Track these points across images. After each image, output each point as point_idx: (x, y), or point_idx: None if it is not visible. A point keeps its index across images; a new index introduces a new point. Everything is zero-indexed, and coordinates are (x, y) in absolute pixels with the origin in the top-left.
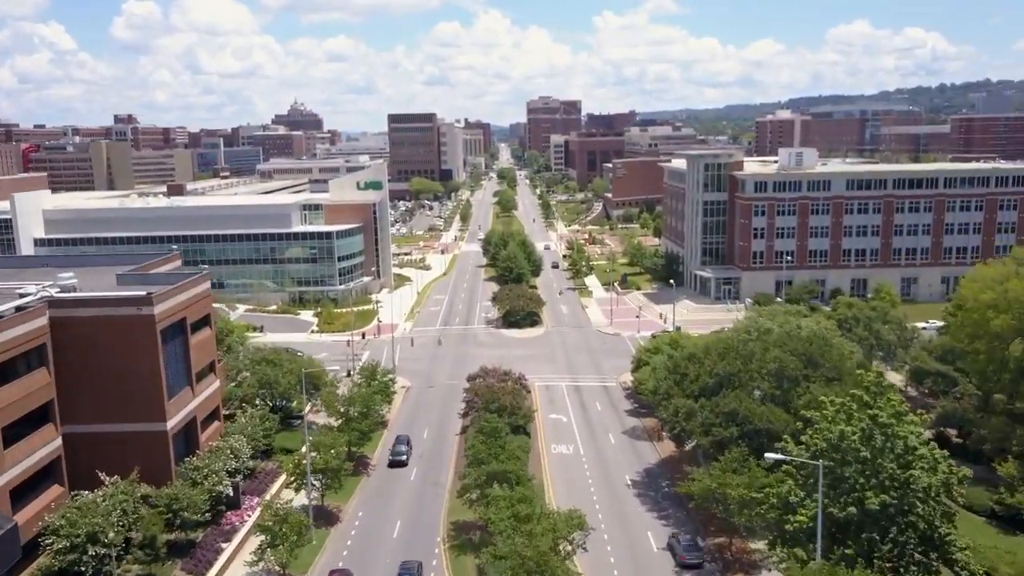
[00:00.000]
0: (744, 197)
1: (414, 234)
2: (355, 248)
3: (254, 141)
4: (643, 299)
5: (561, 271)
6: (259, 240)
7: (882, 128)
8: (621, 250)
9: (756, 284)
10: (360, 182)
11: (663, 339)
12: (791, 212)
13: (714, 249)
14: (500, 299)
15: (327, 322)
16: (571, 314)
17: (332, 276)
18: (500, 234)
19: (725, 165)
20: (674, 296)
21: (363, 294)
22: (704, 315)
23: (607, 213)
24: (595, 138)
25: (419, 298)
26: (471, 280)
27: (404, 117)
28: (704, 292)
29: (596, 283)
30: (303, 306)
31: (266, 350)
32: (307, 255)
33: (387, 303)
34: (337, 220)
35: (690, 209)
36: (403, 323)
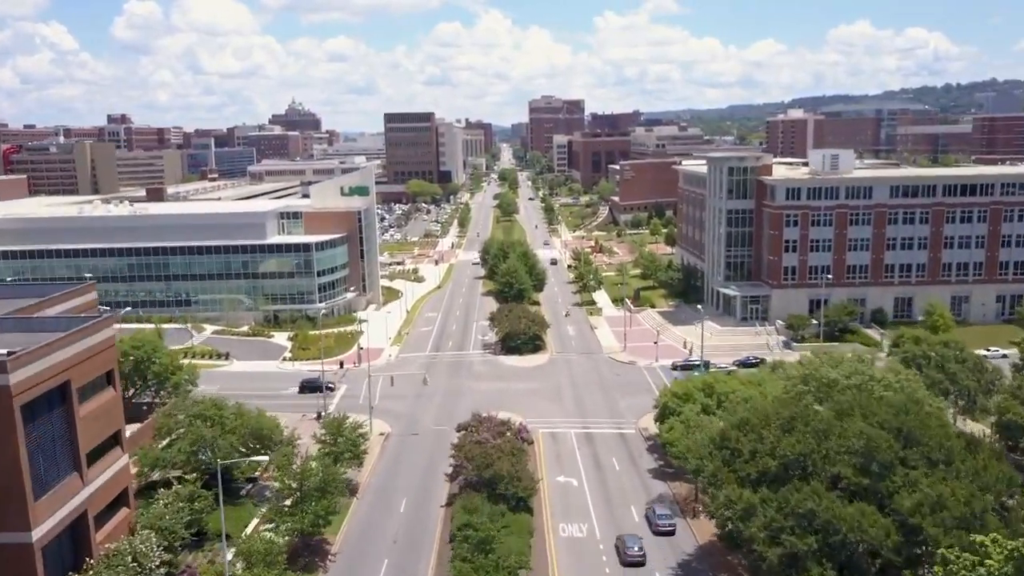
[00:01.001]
0: (774, 205)
1: (408, 241)
2: (337, 261)
3: (249, 142)
4: (658, 318)
5: (562, 269)
6: (229, 252)
7: (898, 128)
8: (631, 259)
9: (787, 303)
10: (344, 187)
11: (694, 383)
12: (827, 222)
13: (739, 263)
14: (498, 320)
15: (302, 347)
16: (579, 337)
17: (311, 292)
18: (500, 244)
19: (752, 169)
20: (694, 315)
21: (347, 312)
22: (730, 339)
23: (614, 218)
24: (600, 138)
25: (409, 316)
26: (467, 294)
27: (401, 116)
28: (728, 312)
29: (605, 299)
30: (278, 327)
31: (205, 402)
32: (283, 269)
33: (373, 323)
34: (318, 229)
35: (711, 218)
36: (389, 347)
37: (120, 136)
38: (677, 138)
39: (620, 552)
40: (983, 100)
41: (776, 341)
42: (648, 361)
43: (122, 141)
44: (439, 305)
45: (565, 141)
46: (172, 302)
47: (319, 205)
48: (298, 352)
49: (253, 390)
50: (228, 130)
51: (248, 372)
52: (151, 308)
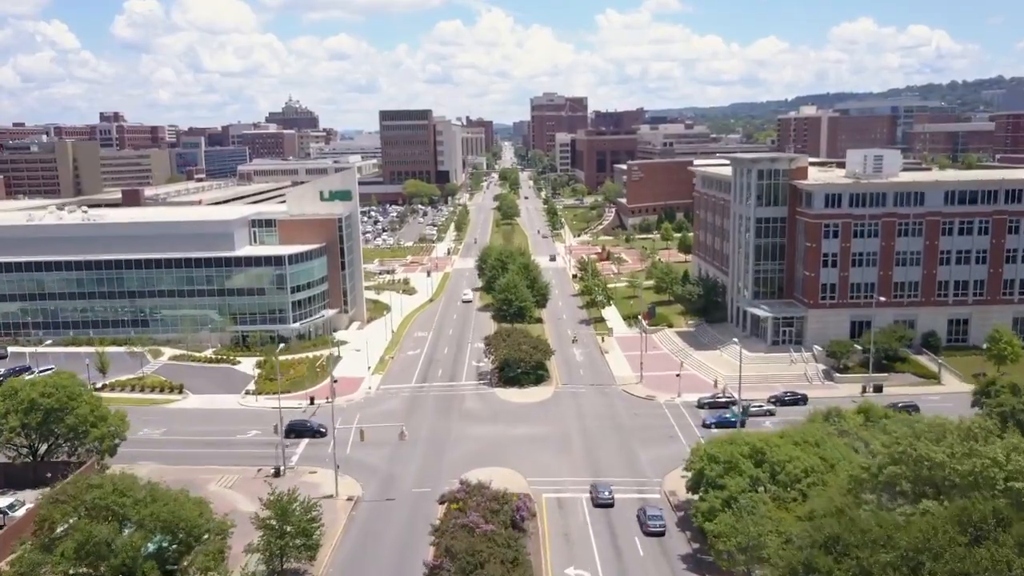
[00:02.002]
0: (811, 214)
1: (401, 246)
2: (315, 274)
3: (244, 140)
4: (677, 341)
5: (565, 277)
6: (192, 266)
7: (915, 125)
8: (642, 268)
9: (826, 326)
10: (324, 191)
11: (737, 447)
12: (872, 233)
13: (769, 279)
14: (495, 345)
15: (269, 377)
16: (588, 363)
17: (284, 311)
18: (498, 252)
19: (784, 172)
20: (718, 338)
21: (326, 332)
22: (761, 368)
23: (621, 221)
24: (605, 137)
25: (396, 336)
26: (462, 309)
27: (397, 114)
28: (757, 334)
29: (616, 316)
30: (246, 351)
31: (104, 487)
32: (253, 285)
33: (354, 345)
34: (294, 239)
35: (736, 226)
36: (369, 377)
37: (112, 135)
38: (684, 136)
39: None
40: (990, 97)
41: (815, 371)
42: (669, 396)
43: (114, 140)
44: (430, 322)
45: (568, 140)
46: (128, 322)
47: (296, 212)
48: (264, 384)
49: (205, 435)
50: (223, 128)
51: (203, 410)
52: (104, 329)
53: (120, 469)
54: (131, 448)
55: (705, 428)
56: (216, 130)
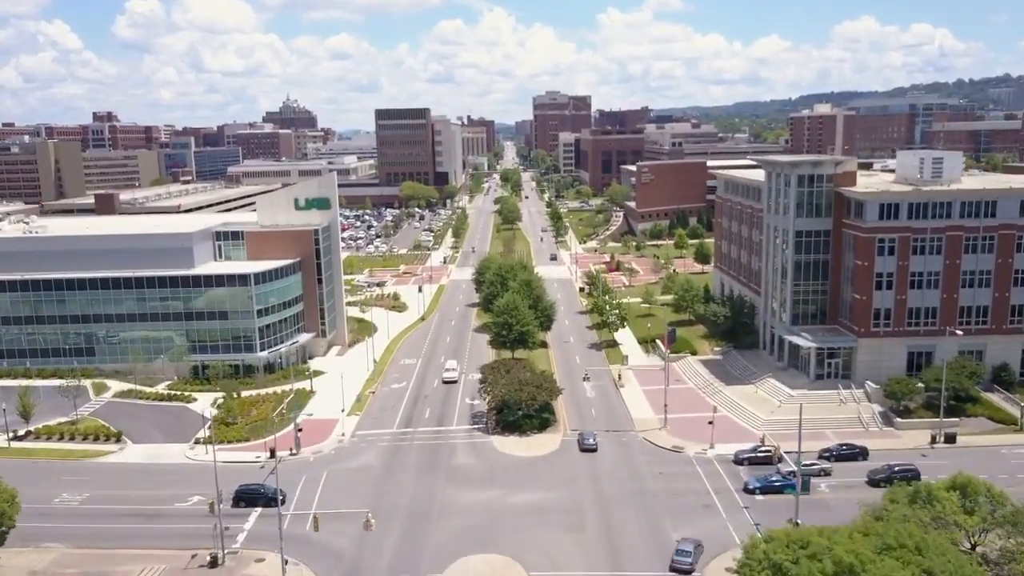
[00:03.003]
0: (862, 227)
1: (394, 254)
2: (287, 294)
3: (238, 140)
4: (703, 372)
5: (572, 290)
6: (144, 286)
7: (934, 124)
8: (655, 280)
9: (878, 358)
10: (299, 199)
11: (815, 563)
12: (935, 249)
13: (810, 301)
14: (491, 382)
15: (226, 419)
16: (601, 401)
17: (250, 337)
18: (498, 266)
19: (828, 178)
20: (751, 369)
21: (300, 361)
22: (805, 409)
23: (629, 226)
24: (610, 136)
25: (380, 364)
26: (458, 329)
27: (393, 113)
28: (796, 365)
29: (630, 338)
30: (207, 383)
31: None
32: (214, 307)
33: (331, 376)
34: (264, 253)
35: (770, 240)
36: (343, 419)
37: (105, 135)
38: (692, 136)
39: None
40: (997, 96)
41: (871, 413)
42: (700, 447)
43: (107, 140)
44: (420, 346)
45: (572, 139)
46: (72, 350)
47: (267, 222)
48: (219, 429)
49: (136, 502)
50: (219, 128)
51: (141, 466)
52: (46, 359)
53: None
54: (39, 523)
55: (748, 494)
56: (212, 130)
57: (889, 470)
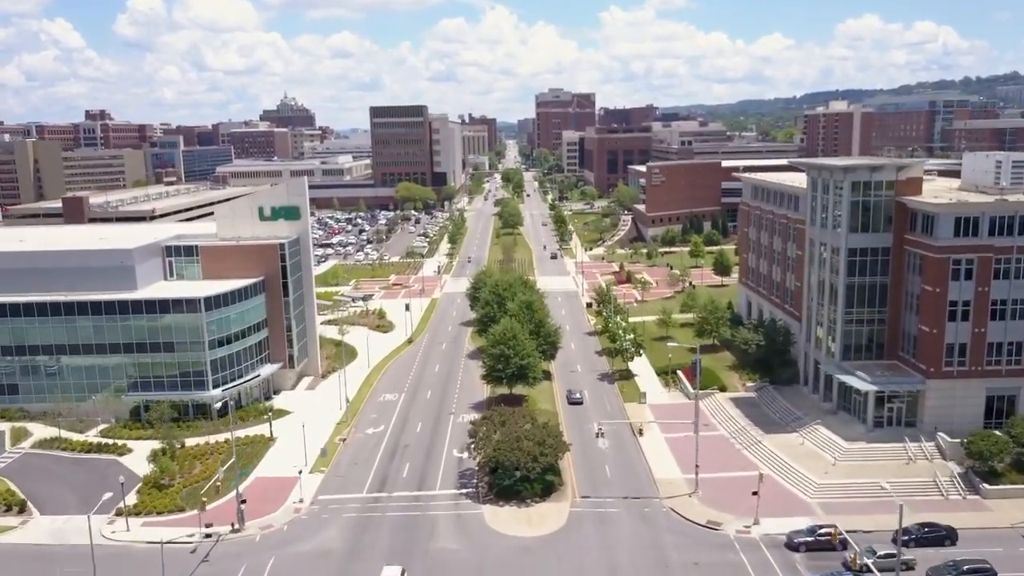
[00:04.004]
0: (934, 246)
1: (385, 262)
2: (247, 320)
3: (233, 139)
4: (735, 414)
5: (577, 303)
6: (75, 312)
7: (955, 122)
8: (671, 293)
9: (952, 403)
10: (264, 208)
11: None
12: (1023, 274)
13: (864, 331)
14: (484, 437)
15: (158, 481)
16: (616, 458)
17: (201, 372)
18: (495, 282)
19: (888, 185)
20: (791, 412)
21: (263, 397)
22: (865, 468)
23: (639, 232)
24: (617, 135)
25: (356, 401)
26: (449, 356)
27: (389, 110)
28: (848, 408)
29: (647, 367)
30: (149, 427)
31: None
32: (158, 337)
33: (296, 417)
34: (223, 270)
35: (815, 258)
36: (303, 479)
37: (97, 134)
38: (700, 134)
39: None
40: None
41: (949, 476)
42: (742, 522)
43: (99, 139)
44: (404, 377)
45: (576, 138)
46: None
47: (228, 234)
48: (147, 497)
49: None
50: (213, 127)
51: (41, 550)
52: None
53: None
54: None
55: None
56: (207, 128)
57: (956, 570)
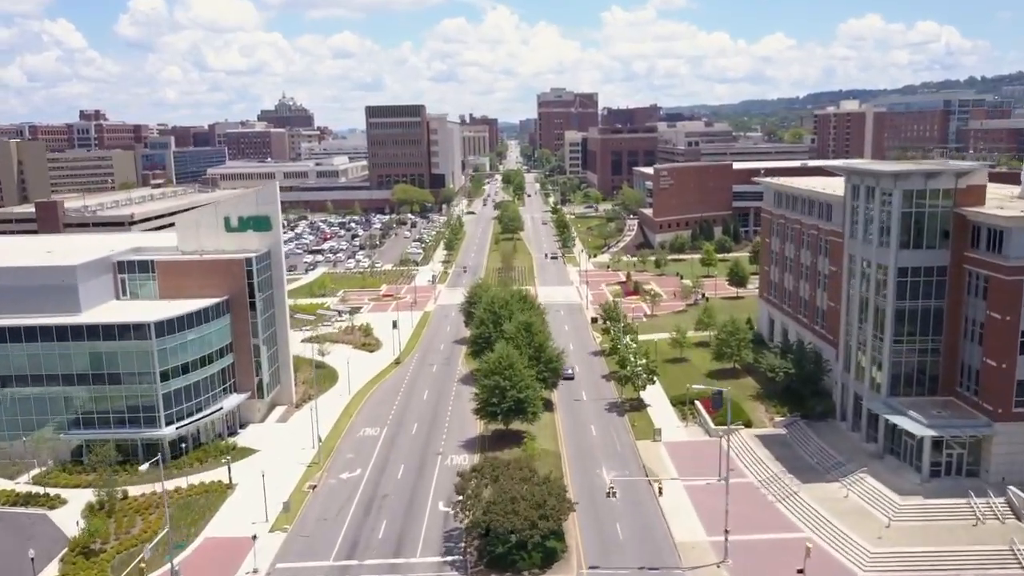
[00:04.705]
0: (1004, 266)
1: (377, 270)
2: (208, 346)
3: (229, 140)
4: (764, 457)
5: (575, 301)
6: (8, 340)
7: (970, 122)
8: (683, 306)
9: (1021, 451)
10: (230, 218)
11: None
12: None
13: (916, 362)
14: (472, 496)
15: (88, 544)
16: (629, 509)
17: (151, 407)
18: (491, 299)
19: (946, 194)
20: (829, 455)
21: (227, 432)
22: (922, 532)
23: (645, 237)
24: (621, 135)
25: (330, 441)
26: (439, 381)
27: (385, 110)
28: (896, 451)
29: (661, 396)
30: (88, 474)
31: None
32: (102, 367)
33: (263, 457)
34: (183, 289)
35: (855, 276)
36: (262, 539)
37: (91, 134)
38: (706, 135)
39: None
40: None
41: None
42: None
43: (93, 139)
44: (388, 406)
45: (579, 139)
46: None
47: (190, 247)
48: (69, 569)
49: None
50: (209, 127)
51: None
52: None
53: None
54: None
55: None
56: (203, 129)
57: None
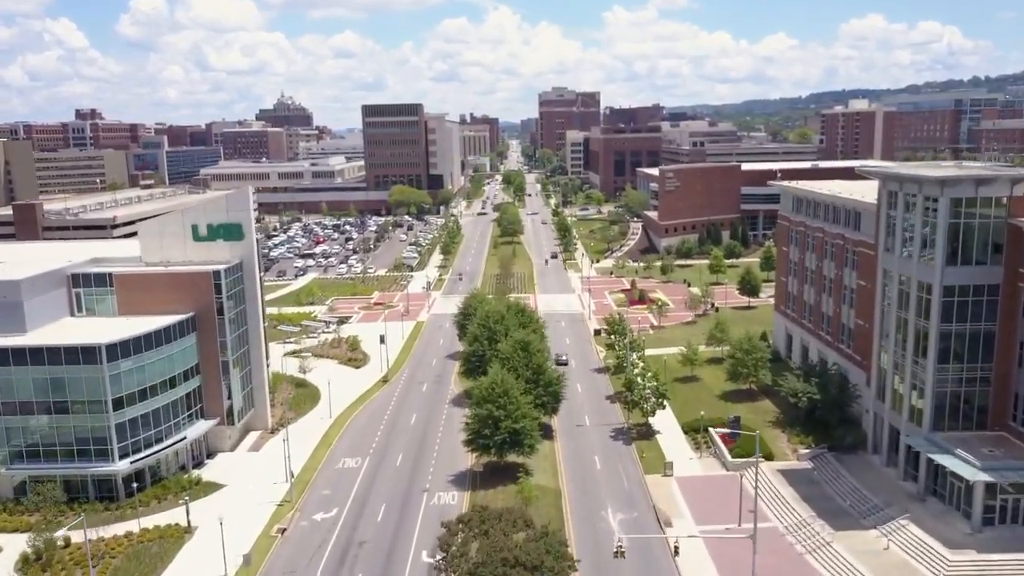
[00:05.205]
0: None
1: (370, 276)
2: (171, 368)
3: (225, 139)
4: (789, 498)
5: (576, 310)
6: None
7: (982, 122)
8: (691, 316)
9: None
10: (199, 226)
11: None
12: None
13: (963, 393)
14: (457, 555)
15: None
16: (637, 561)
17: (103, 439)
18: (486, 313)
19: (998, 203)
20: (862, 493)
21: (192, 463)
22: None
23: (650, 242)
24: (624, 135)
25: (305, 473)
26: (430, 401)
27: (382, 109)
28: (941, 492)
29: (671, 422)
30: (31, 515)
31: None
32: (47, 395)
33: (229, 493)
34: (144, 305)
35: (892, 294)
36: None
37: (86, 133)
38: (711, 135)
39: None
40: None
41: None
42: None
43: (88, 139)
44: (372, 432)
45: (581, 138)
46: None
47: (154, 258)
48: None
49: None
50: (207, 126)
51: None
52: None
53: None
54: None
55: None
56: (200, 128)
57: None
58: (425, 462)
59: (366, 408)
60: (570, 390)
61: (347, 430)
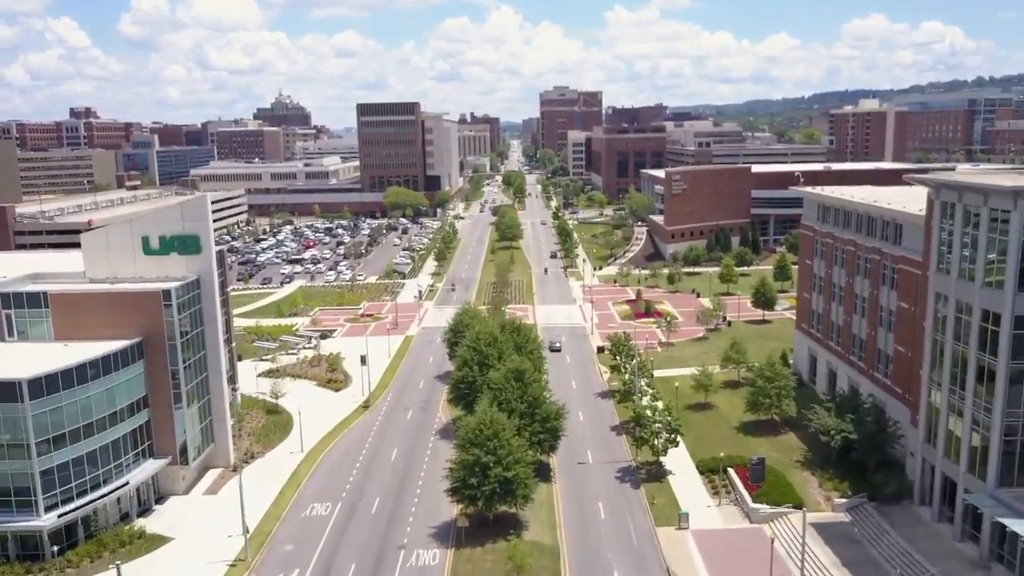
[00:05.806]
0: None
1: (359, 284)
2: (109, 404)
3: (221, 139)
4: (826, 559)
5: (577, 322)
6: None
7: (997, 122)
8: (702, 331)
9: None
10: (150, 237)
11: None
12: None
13: None
14: None
15: None
16: None
17: (25, 490)
18: (476, 335)
19: None
20: (913, 558)
21: (137, 510)
22: None
23: (656, 247)
24: (627, 135)
25: (267, 522)
26: (414, 433)
27: (378, 107)
28: (1011, 561)
29: (686, 461)
30: None
31: None
32: None
33: (176, 548)
34: (83, 328)
35: (951, 322)
36: None
37: (80, 132)
38: (716, 135)
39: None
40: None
41: None
42: None
43: (82, 138)
44: (347, 471)
45: (583, 138)
46: None
47: (99, 274)
48: None
49: None
50: (202, 125)
51: None
52: None
53: None
54: None
55: None
56: (195, 128)
57: None
58: (404, 509)
59: (343, 439)
60: (571, 420)
61: (319, 467)
